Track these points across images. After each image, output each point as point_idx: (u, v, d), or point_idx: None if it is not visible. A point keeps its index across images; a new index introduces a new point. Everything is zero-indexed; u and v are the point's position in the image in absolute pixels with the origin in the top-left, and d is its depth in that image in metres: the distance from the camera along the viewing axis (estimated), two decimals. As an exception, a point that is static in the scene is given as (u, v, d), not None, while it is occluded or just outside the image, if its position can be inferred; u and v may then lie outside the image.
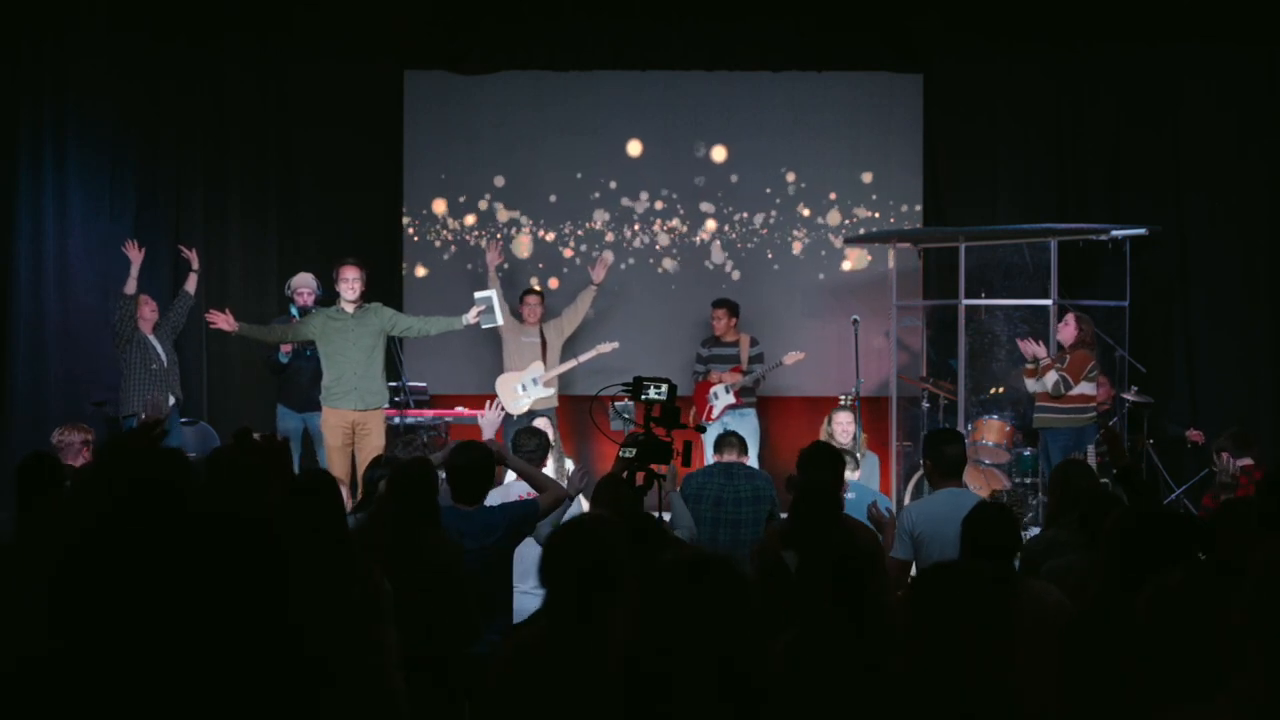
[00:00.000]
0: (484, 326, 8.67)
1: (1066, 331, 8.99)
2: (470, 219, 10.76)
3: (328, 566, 3.37)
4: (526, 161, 10.72)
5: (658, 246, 10.79)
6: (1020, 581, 3.98)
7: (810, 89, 10.74)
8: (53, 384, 9.61)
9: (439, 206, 10.75)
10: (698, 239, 10.79)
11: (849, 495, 6.37)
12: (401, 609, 3.85)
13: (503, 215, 10.76)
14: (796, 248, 10.78)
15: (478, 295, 8.63)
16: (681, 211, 10.78)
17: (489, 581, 4.88)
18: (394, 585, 3.99)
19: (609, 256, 10.21)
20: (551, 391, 9.63)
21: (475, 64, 10.69)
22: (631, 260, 10.78)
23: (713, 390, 9.77)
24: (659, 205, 10.78)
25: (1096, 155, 10.55)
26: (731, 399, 9.72)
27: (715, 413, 9.71)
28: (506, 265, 10.47)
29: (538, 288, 10.23)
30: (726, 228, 10.78)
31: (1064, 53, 10.49)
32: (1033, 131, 10.57)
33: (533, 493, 5.74)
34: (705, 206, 10.78)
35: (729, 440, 6.77)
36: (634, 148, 10.77)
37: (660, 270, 10.80)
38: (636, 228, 10.79)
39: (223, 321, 8.29)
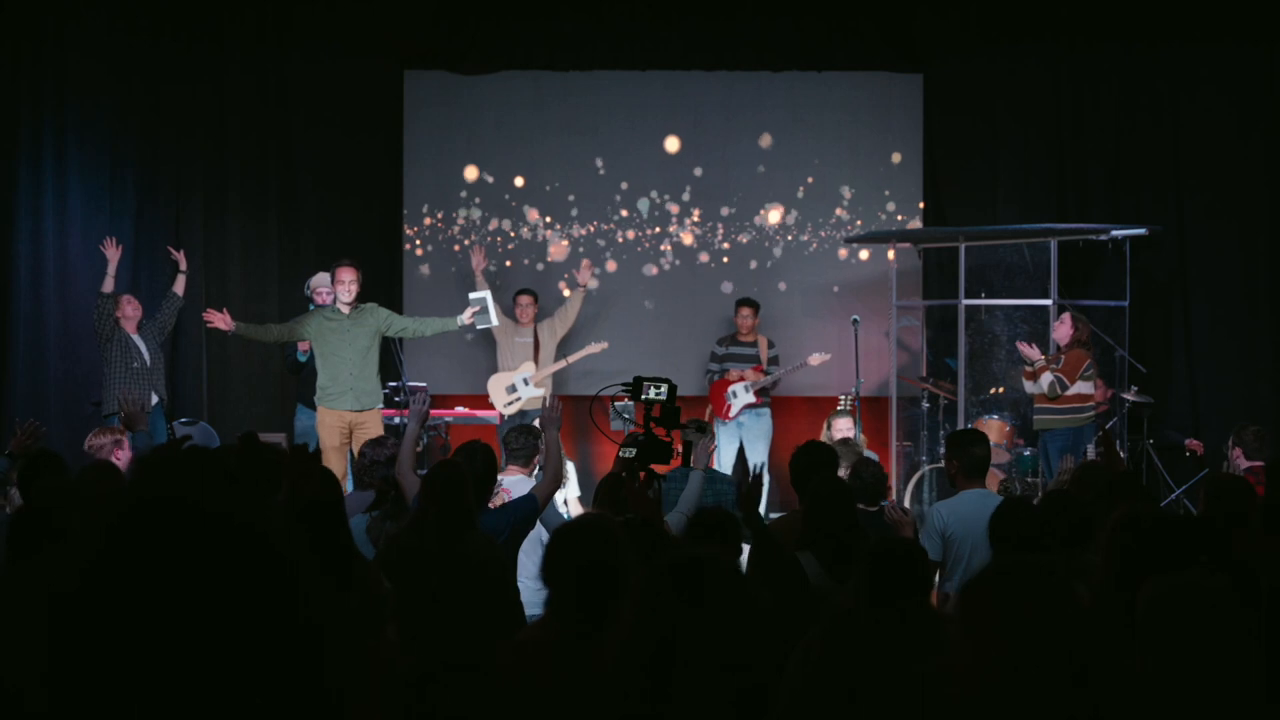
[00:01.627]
0: (479, 327, 8.70)
1: (1062, 331, 9.00)
2: (470, 218, 10.75)
3: (328, 572, 3.37)
4: (526, 162, 10.72)
5: (657, 247, 10.78)
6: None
7: (810, 89, 10.74)
8: (52, 384, 9.61)
9: (438, 206, 10.74)
10: (697, 239, 10.78)
11: None
12: (448, 612, 3.87)
13: (501, 215, 10.76)
14: (796, 248, 10.78)
15: (472, 296, 8.65)
16: (681, 211, 10.78)
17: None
18: (439, 589, 4.00)
19: (585, 261, 10.19)
20: (541, 392, 9.64)
21: (475, 64, 10.69)
22: (631, 260, 10.78)
23: (731, 389, 9.78)
24: (659, 205, 10.78)
25: (1096, 155, 10.55)
26: (751, 398, 9.74)
27: (733, 411, 9.73)
28: (494, 267, 10.45)
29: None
30: (726, 228, 10.78)
31: (1064, 52, 10.49)
32: (1033, 131, 10.57)
33: (506, 489, 5.74)
34: (704, 207, 10.78)
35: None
36: (633, 148, 10.76)
37: (660, 270, 10.79)
38: (633, 228, 10.78)
39: (220, 321, 8.27)
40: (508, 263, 10.72)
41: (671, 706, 2.23)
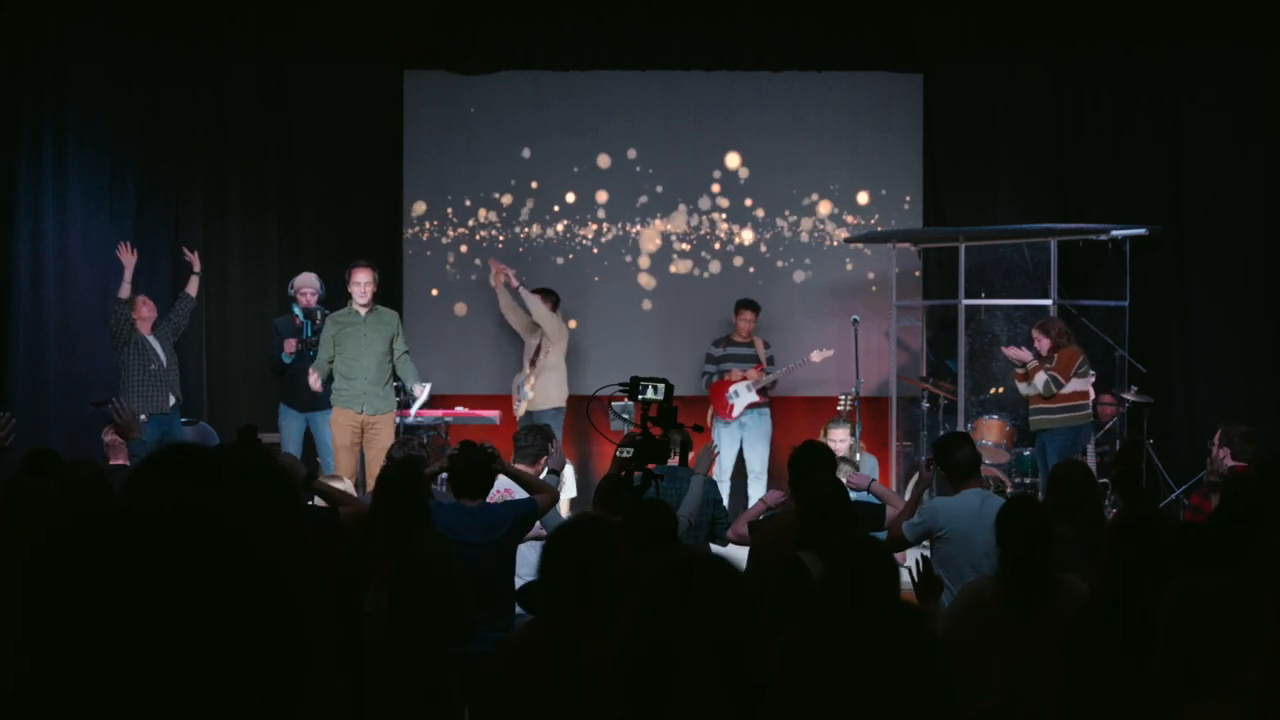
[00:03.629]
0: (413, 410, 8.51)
1: (1042, 344, 8.95)
2: (469, 218, 10.75)
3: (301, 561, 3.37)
4: (526, 161, 10.72)
5: (657, 247, 10.78)
6: (1058, 578, 3.97)
7: (810, 89, 10.73)
8: (52, 384, 9.61)
9: (438, 206, 10.74)
10: (696, 240, 10.78)
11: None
12: (396, 607, 3.85)
13: (502, 215, 10.76)
14: (796, 248, 10.78)
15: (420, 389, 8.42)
16: (680, 212, 10.77)
17: (494, 578, 4.90)
18: (389, 584, 3.99)
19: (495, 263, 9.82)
20: (533, 394, 9.48)
21: (475, 64, 10.69)
22: (630, 261, 10.77)
23: (733, 388, 9.76)
24: (657, 206, 10.77)
25: (1096, 155, 10.54)
26: (754, 396, 9.73)
27: (736, 411, 9.71)
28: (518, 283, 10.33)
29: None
30: (726, 228, 10.78)
31: (1064, 53, 10.49)
32: (1033, 131, 10.56)
33: (510, 489, 5.81)
34: (704, 207, 10.78)
35: None
36: (632, 148, 10.76)
37: (660, 270, 10.78)
38: (633, 228, 10.77)
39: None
40: (514, 271, 10.71)
41: (671, 706, 2.23)
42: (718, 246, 10.78)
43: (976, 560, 5.00)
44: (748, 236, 10.78)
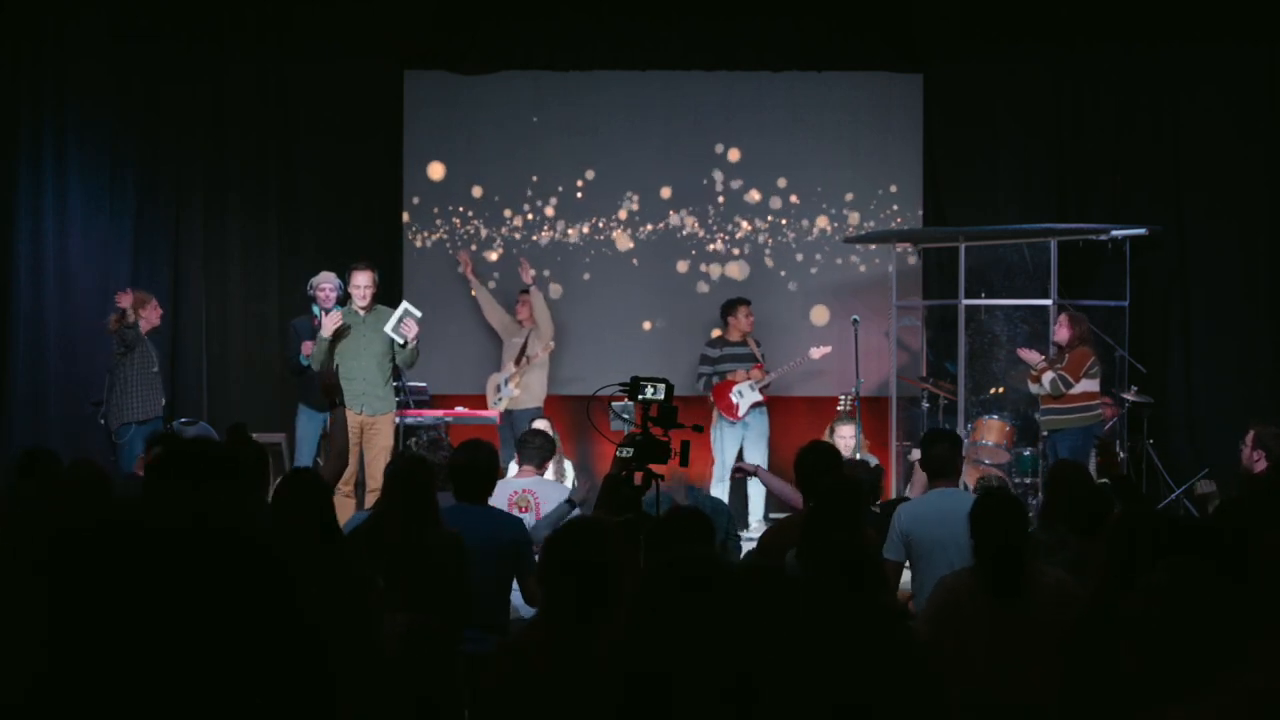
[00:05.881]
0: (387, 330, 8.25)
1: (1061, 333, 9.00)
2: (469, 218, 10.75)
3: (315, 567, 3.37)
4: (526, 161, 10.71)
5: (656, 248, 10.77)
6: (1036, 569, 3.98)
7: (810, 89, 10.73)
8: (52, 384, 9.62)
9: (437, 206, 10.74)
10: (696, 239, 10.77)
11: None
12: (406, 606, 3.85)
13: (500, 215, 10.76)
14: (796, 248, 10.77)
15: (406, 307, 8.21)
16: (680, 212, 10.77)
17: (493, 578, 4.89)
18: (397, 582, 4.00)
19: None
20: (518, 393, 9.63)
21: (475, 64, 10.69)
22: (628, 261, 10.77)
23: (736, 389, 9.75)
24: (657, 206, 10.76)
25: (1096, 155, 10.54)
26: (758, 396, 9.73)
27: (742, 410, 9.71)
28: (490, 258, 10.43)
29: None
30: (726, 228, 10.77)
31: (1064, 53, 10.49)
32: (1033, 132, 10.57)
33: (530, 490, 5.81)
34: (704, 207, 10.77)
35: None
36: (633, 148, 10.75)
37: (657, 271, 10.78)
38: (634, 228, 10.77)
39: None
40: (500, 273, 10.72)
41: (669, 709, 2.23)
42: (717, 247, 10.77)
43: (947, 558, 4.97)
44: (747, 237, 10.77)
